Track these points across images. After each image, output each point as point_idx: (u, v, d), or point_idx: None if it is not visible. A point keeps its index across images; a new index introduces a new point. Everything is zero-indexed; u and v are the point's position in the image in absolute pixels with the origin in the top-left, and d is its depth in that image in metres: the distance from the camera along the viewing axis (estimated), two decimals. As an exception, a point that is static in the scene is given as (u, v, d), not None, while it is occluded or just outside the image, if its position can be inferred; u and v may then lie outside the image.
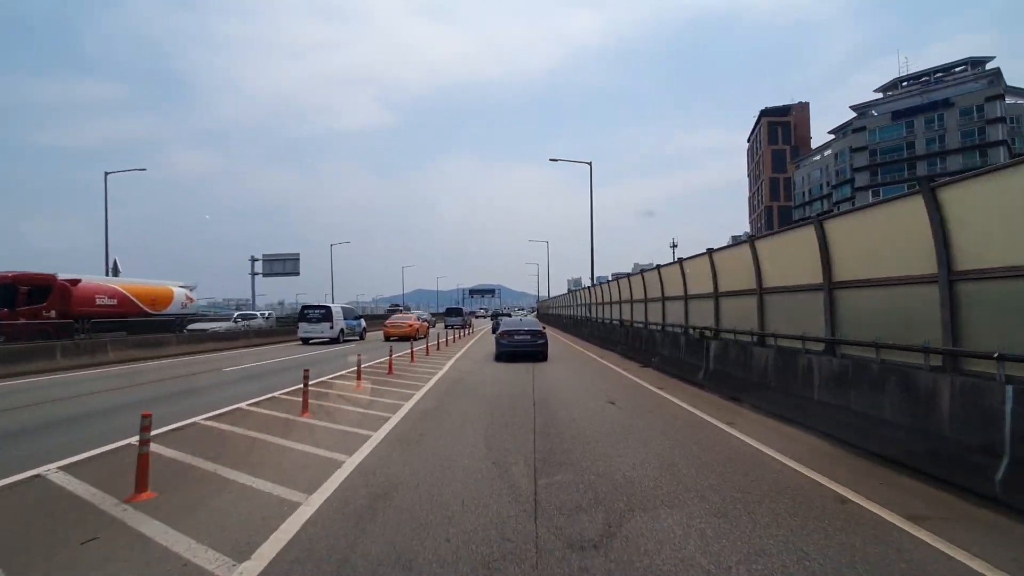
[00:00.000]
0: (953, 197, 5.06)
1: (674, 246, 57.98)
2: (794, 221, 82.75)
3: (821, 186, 73.67)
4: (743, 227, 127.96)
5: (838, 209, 66.97)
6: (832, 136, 70.65)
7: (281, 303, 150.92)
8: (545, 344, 15.08)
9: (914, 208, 5.41)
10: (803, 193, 78.53)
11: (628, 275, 20.44)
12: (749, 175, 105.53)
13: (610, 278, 29.46)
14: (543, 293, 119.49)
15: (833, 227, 7.19)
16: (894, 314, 5.95)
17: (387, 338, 25.70)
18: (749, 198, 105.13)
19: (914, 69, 63.27)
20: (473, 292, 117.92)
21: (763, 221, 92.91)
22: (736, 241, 22.55)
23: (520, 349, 14.97)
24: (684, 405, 8.00)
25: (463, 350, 19.87)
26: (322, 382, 10.53)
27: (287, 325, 29.84)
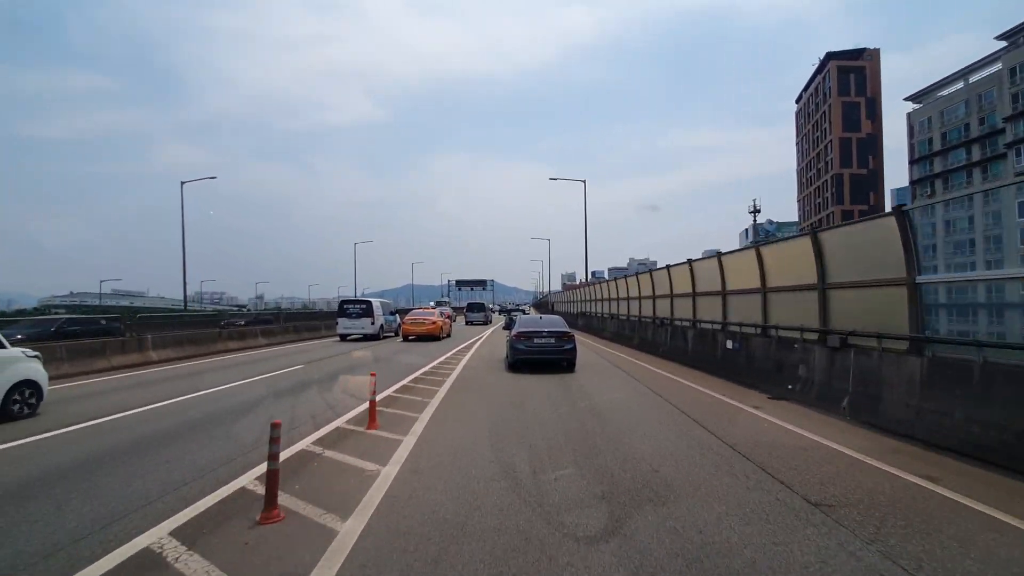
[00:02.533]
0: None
1: (756, 211, 37.09)
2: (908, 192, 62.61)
3: (966, 126, 53.02)
4: (762, 216, 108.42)
5: (1019, 153, 46.09)
6: (1004, 44, 49.91)
7: (260, 297, 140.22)
8: (573, 350, 13.04)
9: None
10: (928, 142, 58.03)
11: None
12: (799, 143, 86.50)
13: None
14: (550, 286, 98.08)
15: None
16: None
17: (406, 337, 24.30)
18: (799, 171, 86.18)
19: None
20: (461, 284, 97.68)
21: (831, 192, 71.43)
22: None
23: (541, 356, 12.84)
24: None
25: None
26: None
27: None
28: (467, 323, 40.53)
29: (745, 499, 4.29)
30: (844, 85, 73.97)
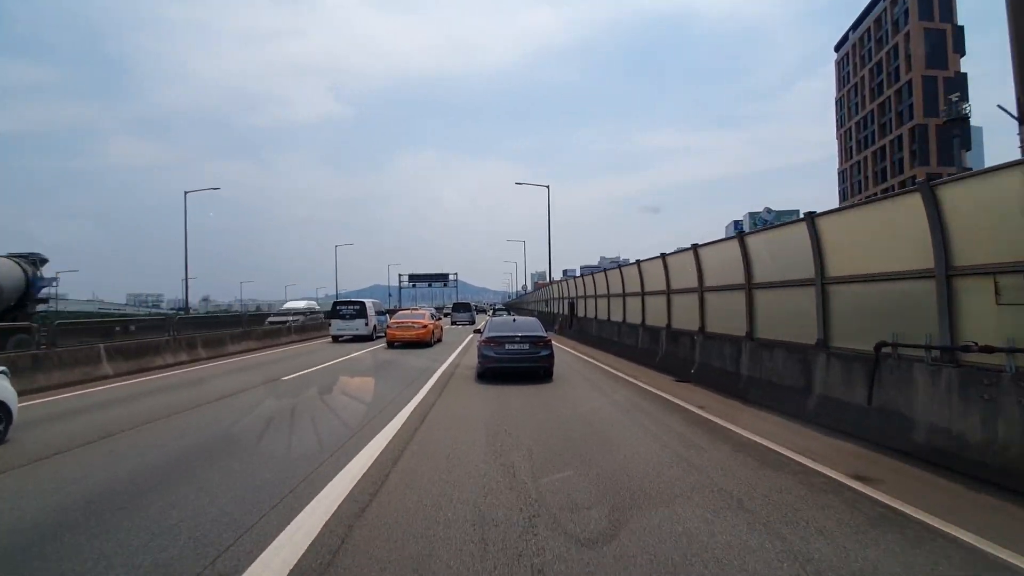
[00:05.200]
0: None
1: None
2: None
3: None
4: (743, 212, 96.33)
5: None
6: None
7: (206, 299, 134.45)
8: (550, 356, 12.24)
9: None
10: None
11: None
12: (840, 100, 69.16)
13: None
14: (519, 283, 79.39)
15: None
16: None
17: (391, 343, 21.94)
18: (841, 135, 67.72)
19: None
20: (416, 279, 73.93)
21: (910, 150, 50.62)
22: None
23: (513, 365, 11.95)
24: None
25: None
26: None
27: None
28: (452, 323, 43.13)
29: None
30: (925, 6, 55.19)
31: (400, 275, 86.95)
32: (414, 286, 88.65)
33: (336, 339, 25.36)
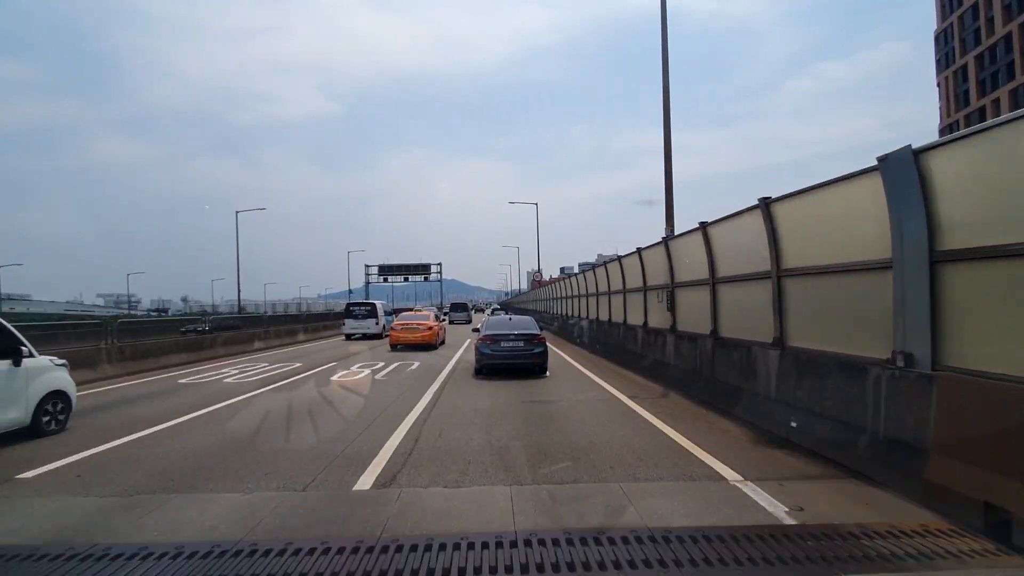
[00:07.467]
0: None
1: None
2: None
3: None
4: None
5: None
6: None
7: (185, 299, 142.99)
8: (544, 353, 13.49)
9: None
10: None
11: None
12: (946, 29, 48.83)
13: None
14: (515, 284, 74.54)
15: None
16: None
17: (394, 346, 22.05)
18: (946, 78, 50.59)
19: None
20: (387, 271, 52.33)
21: None
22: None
23: (509, 361, 13.08)
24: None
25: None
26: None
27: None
28: (450, 322, 43.35)
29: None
30: None
31: (367, 266, 69.51)
32: (385, 280, 71.69)
33: (349, 337, 28.97)
